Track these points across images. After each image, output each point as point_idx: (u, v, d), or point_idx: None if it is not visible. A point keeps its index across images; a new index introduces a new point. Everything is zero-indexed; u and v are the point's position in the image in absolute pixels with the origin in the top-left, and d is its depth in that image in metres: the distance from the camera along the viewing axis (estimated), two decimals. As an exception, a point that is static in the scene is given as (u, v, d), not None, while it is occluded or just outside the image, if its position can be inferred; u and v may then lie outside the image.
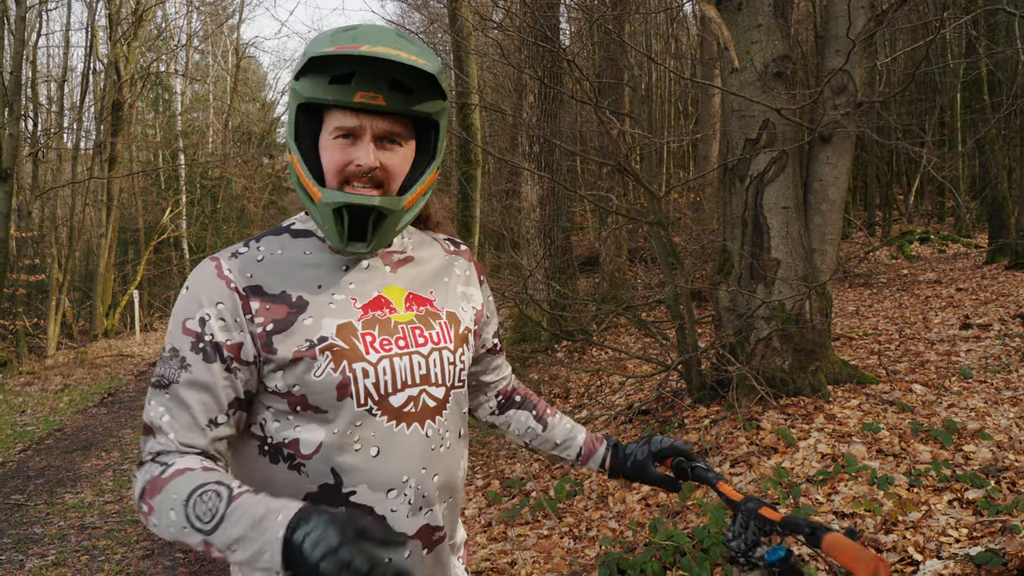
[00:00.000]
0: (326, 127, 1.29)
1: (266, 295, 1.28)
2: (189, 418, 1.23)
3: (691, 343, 5.95)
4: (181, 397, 1.24)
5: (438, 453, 1.35)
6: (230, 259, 1.31)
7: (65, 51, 20.61)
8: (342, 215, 1.27)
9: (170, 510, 1.15)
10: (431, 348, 1.36)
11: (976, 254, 13.79)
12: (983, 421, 4.79)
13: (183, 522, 1.13)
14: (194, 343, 1.25)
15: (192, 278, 1.30)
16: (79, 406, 10.05)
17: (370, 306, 1.34)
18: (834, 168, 5.97)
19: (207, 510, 1.12)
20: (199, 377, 1.24)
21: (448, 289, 1.47)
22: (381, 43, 1.21)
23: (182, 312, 1.28)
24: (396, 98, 1.25)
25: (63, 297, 16.86)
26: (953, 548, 3.39)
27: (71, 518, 5.62)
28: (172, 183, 27.46)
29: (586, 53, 13.69)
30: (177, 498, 1.14)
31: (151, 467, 1.21)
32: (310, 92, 1.25)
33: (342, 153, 1.27)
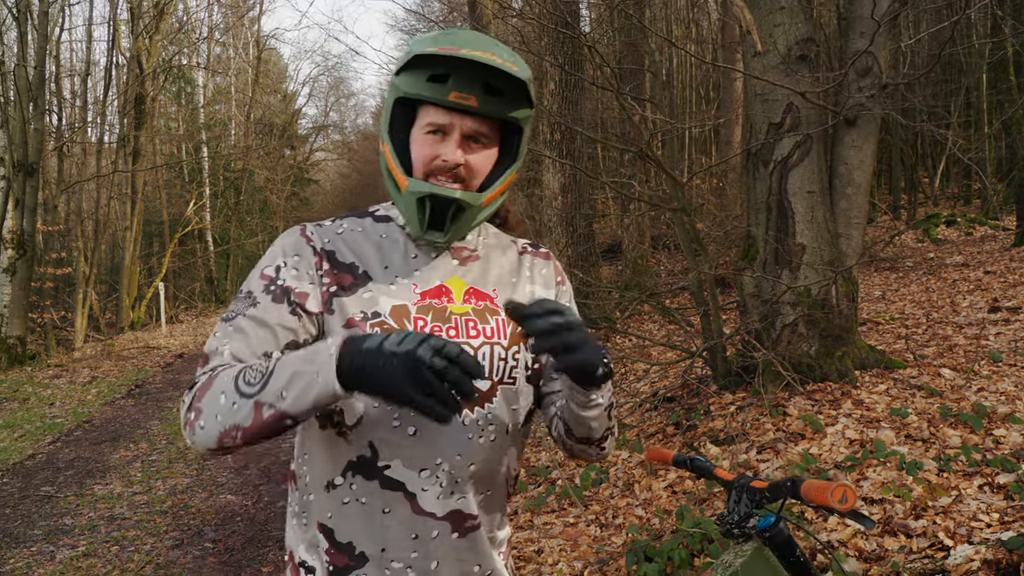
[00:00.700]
0: (419, 121, 1.36)
1: (337, 262, 1.37)
2: (246, 345, 1.29)
3: (716, 329, 5.92)
4: (242, 327, 1.30)
5: (476, 442, 1.36)
6: (314, 226, 1.42)
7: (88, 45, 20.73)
8: (424, 204, 1.34)
9: (220, 394, 1.19)
10: (483, 341, 1.39)
11: (1004, 236, 13.60)
12: (1013, 405, 4.74)
13: (232, 398, 1.17)
14: (266, 286, 1.34)
15: (278, 239, 1.40)
16: (107, 398, 10.17)
17: (429, 293, 1.39)
18: (859, 151, 5.90)
19: (255, 375, 1.18)
20: (263, 312, 1.31)
21: (515, 289, 1.49)
22: (479, 48, 1.27)
23: (262, 263, 1.38)
24: (488, 101, 1.31)
25: (90, 290, 17.04)
26: (984, 533, 3.36)
27: (100, 509, 5.69)
28: (195, 176, 27.65)
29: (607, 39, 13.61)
30: (227, 380, 1.20)
31: (199, 380, 1.25)
32: (408, 87, 1.32)
33: (431, 148, 1.34)
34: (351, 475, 1.33)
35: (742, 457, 4.69)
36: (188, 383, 1.27)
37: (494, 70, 1.28)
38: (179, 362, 13.54)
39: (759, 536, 1.70)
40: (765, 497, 1.69)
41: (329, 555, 1.35)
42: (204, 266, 27.25)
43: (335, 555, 1.35)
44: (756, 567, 1.68)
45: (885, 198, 19.94)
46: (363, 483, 1.33)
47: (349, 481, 1.33)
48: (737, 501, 1.74)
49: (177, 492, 6.03)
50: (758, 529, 1.70)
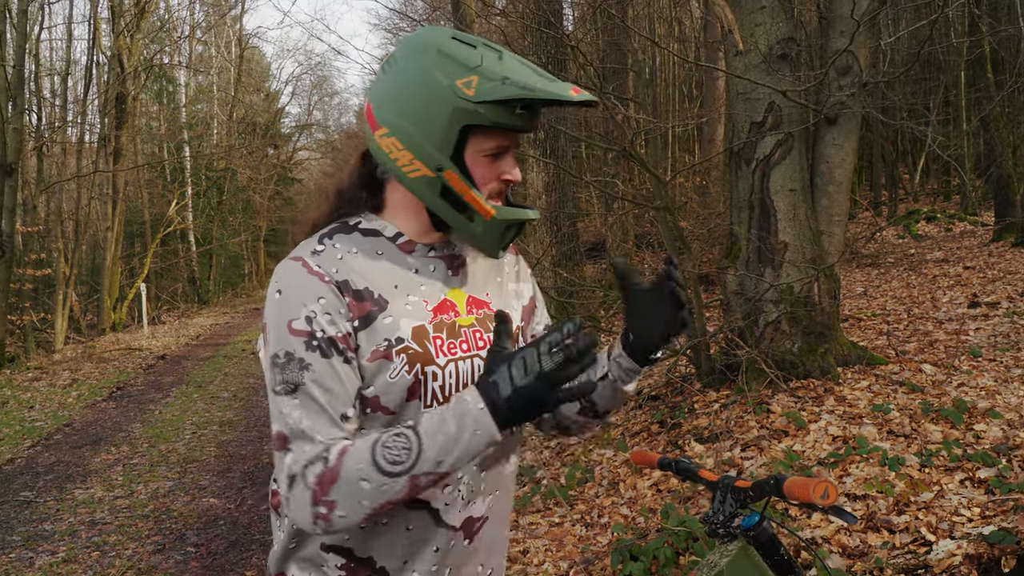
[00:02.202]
0: (476, 145, 1.31)
1: (353, 291, 1.30)
2: (326, 418, 1.24)
3: (700, 327, 5.94)
4: (313, 397, 1.23)
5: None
6: (313, 256, 1.31)
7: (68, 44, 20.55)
8: (507, 231, 1.36)
9: (360, 481, 1.17)
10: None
11: (983, 232, 13.72)
12: (993, 400, 4.78)
13: (379, 481, 1.16)
14: (307, 342, 1.25)
15: (282, 280, 1.30)
16: (88, 401, 10.08)
17: (438, 309, 1.38)
18: (840, 149, 5.94)
19: (398, 452, 1.17)
20: (322, 375, 1.24)
21: (501, 289, 1.52)
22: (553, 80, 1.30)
23: (283, 315, 1.27)
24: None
25: (70, 291, 16.90)
26: (966, 528, 3.38)
27: (81, 514, 5.64)
28: (177, 175, 27.48)
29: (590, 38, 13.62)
30: (362, 467, 1.17)
31: (310, 472, 1.20)
32: (500, 118, 1.27)
33: (491, 169, 1.33)
34: None
35: (726, 455, 4.71)
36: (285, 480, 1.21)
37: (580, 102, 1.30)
38: (161, 364, 13.45)
39: (744, 535, 1.72)
40: (749, 496, 1.71)
41: (346, 570, 1.34)
42: (186, 266, 27.09)
43: (353, 569, 1.34)
44: (741, 566, 1.70)
45: (866, 195, 20.07)
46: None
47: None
48: (722, 501, 1.75)
49: (159, 496, 5.98)
50: (743, 528, 1.72)
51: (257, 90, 36.88)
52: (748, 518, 1.72)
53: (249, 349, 14.57)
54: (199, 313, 23.63)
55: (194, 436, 7.88)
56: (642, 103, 16.80)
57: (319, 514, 1.19)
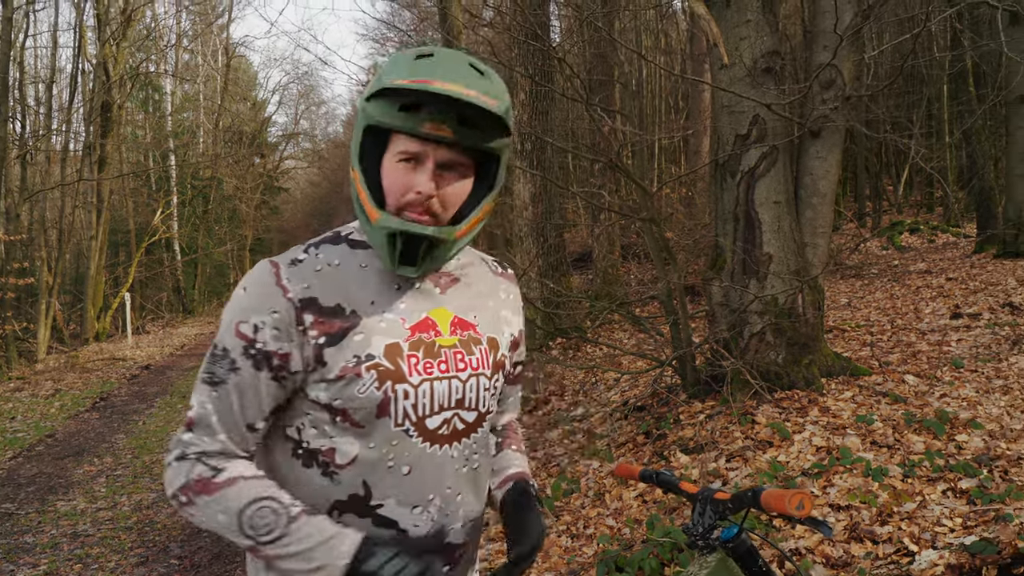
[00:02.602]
0: (391, 149, 1.30)
1: (321, 308, 1.30)
2: (233, 420, 1.29)
3: (685, 338, 5.96)
4: (229, 399, 1.29)
5: (461, 473, 1.39)
6: (289, 267, 1.32)
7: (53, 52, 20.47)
8: (395, 240, 1.30)
9: (219, 513, 1.25)
10: (470, 373, 1.39)
11: (965, 244, 13.84)
12: (975, 410, 4.82)
13: (233, 526, 1.24)
14: (246, 348, 1.29)
15: (250, 280, 1.32)
16: (71, 411, 10.00)
17: (418, 327, 1.36)
18: (824, 162, 5.99)
19: (264, 524, 1.23)
20: (247, 382, 1.29)
21: (491, 313, 1.49)
22: (454, 79, 1.22)
23: (236, 313, 1.31)
24: (463, 132, 1.26)
25: (53, 300, 16.78)
26: (948, 538, 3.41)
27: (63, 526, 5.59)
28: (163, 184, 27.37)
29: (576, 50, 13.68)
30: (232, 506, 1.24)
31: (197, 466, 1.28)
32: (379, 116, 1.26)
33: (403, 178, 1.29)
34: (338, 515, 1.33)
35: (711, 466, 4.72)
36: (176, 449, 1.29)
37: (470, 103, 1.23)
38: (145, 374, 13.36)
39: (723, 547, 1.74)
40: (728, 508, 1.73)
41: None
42: (171, 276, 26.95)
43: None
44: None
45: (850, 206, 20.21)
46: (354, 520, 1.33)
47: (337, 520, 1.32)
48: (701, 513, 1.77)
49: (143, 508, 5.94)
50: (721, 540, 1.73)
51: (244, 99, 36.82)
52: (727, 530, 1.74)
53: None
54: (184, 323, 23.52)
55: (178, 447, 7.83)
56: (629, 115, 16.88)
57: (178, 498, 1.28)
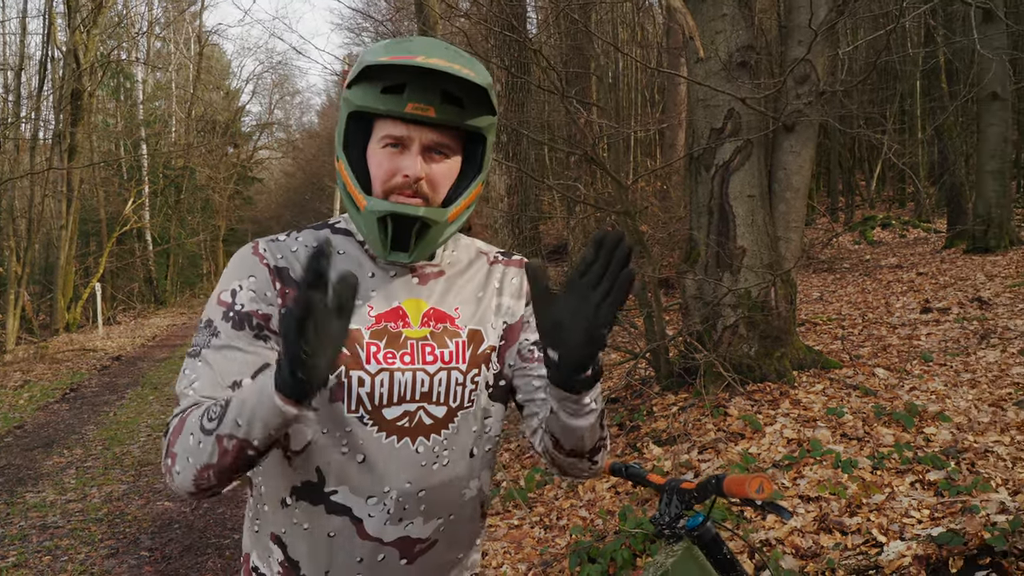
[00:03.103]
0: (375, 135, 1.30)
1: (289, 279, 1.31)
2: (213, 377, 1.25)
3: (659, 331, 5.99)
4: (208, 360, 1.26)
5: (429, 469, 1.34)
6: (268, 242, 1.36)
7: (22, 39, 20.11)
8: (386, 224, 1.28)
9: (189, 436, 1.16)
10: (439, 367, 1.34)
11: (935, 239, 14.03)
12: (943, 403, 4.89)
13: (199, 436, 1.14)
14: (225, 312, 1.29)
15: (232, 259, 1.35)
16: (40, 402, 9.87)
17: (384, 316, 1.33)
18: (798, 156, 6.03)
19: (216, 409, 1.14)
20: (227, 342, 1.27)
21: (479, 304, 1.43)
22: (435, 56, 1.22)
23: (219, 287, 1.32)
24: (447, 110, 1.25)
25: (22, 291, 16.54)
26: (915, 529, 3.45)
27: (32, 518, 5.52)
28: (134, 173, 27.05)
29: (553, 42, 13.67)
30: (194, 421, 1.17)
31: (173, 421, 1.22)
32: (361, 101, 1.26)
33: (389, 162, 1.28)
34: (295, 499, 1.32)
35: (684, 457, 4.76)
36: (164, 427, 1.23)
37: (452, 78, 1.22)
38: (116, 365, 13.23)
39: (688, 535, 1.76)
40: (694, 497, 1.75)
41: (283, 568, 1.35)
42: (143, 266, 26.66)
43: (287, 569, 1.35)
44: (686, 566, 1.73)
45: (823, 200, 20.40)
46: (308, 508, 1.31)
47: (294, 505, 1.32)
48: (668, 503, 1.79)
49: (113, 499, 5.89)
50: (687, 529, 1.76)
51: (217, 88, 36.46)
52: (692, 519, 1.77)
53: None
54: (156, 313, 23.29)
55: (149, 439, 7.76)
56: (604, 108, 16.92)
57: (166, 467, 1.19)
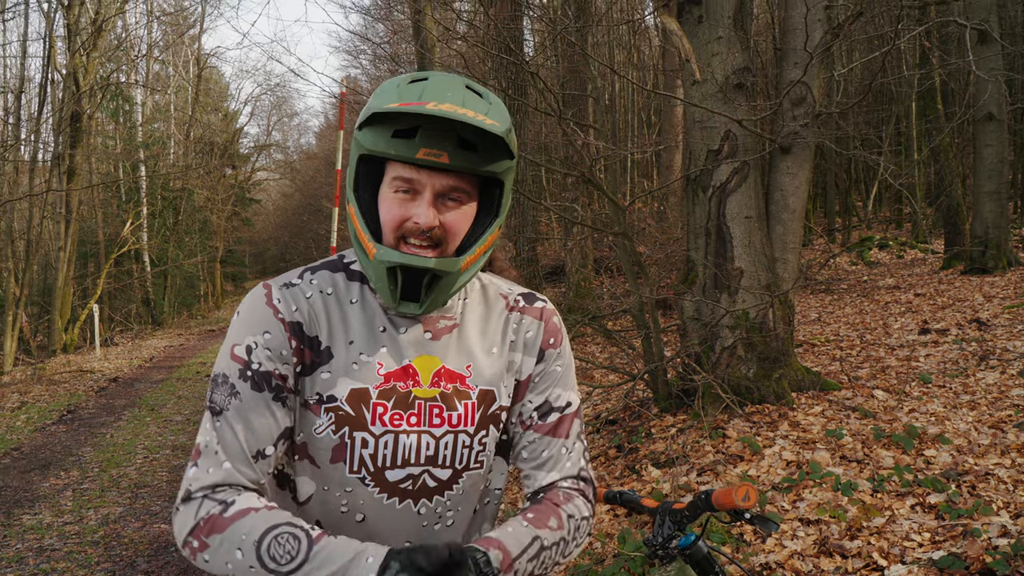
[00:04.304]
0: (387, 177, 1.24)
1: (303, 336, 1.27)
2: (239, 448, 1.21)
3: (657, 352, 5.99)
4: (232, 425, 1.22)
5: (431, 530, 1.34)
6: (281, 289, 1.29)
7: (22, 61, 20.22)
8: (396, 275, 1.23)
9: (236, 550, 1.13)
10: (446, 430, 1.30)
11: (933, 260, 14.05)
12: (943, 425, 4.87)
13: (252, 562, 1.11)
14: (242, 370, 1.24)
15: (244, 304, 1.29)
16: (37, 424, 9.83)
17: (394, 375, 1.29)
18: (794, 178, 6.05)
19: (284, 552, 1.11)
20: (248, 406, 1.23)
21: (492, 361, 1.37)
22: (449, 99, 1.17)
23: (231, 338, 1.27)
24: (461, 156, 1.19)
25: (20, 312, 16.53)
26: (916, 553, 3.44)
27: (29, 540, 5.49)
28: (133, 195, 27.10)
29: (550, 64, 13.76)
30: (247, 538, 1.12)
31: (206, 504, 1.18)
32: (372, 144, 1.20)
33: (401, 208, 1.22)
34: None
35: (682, 479, 4.74)
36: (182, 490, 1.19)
37: (467, 124, 1.16)
38: (113, 386, 13.19)
39: (681, 555, 1.76)
40: (686, 517, 1.76)
41: None
42: (141, 287, 26.65)
43: None
44: None
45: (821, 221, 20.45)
46: None
47: None
48: (661, 524, 1.80)
49: (110, 522, 5.85)
50: (680, 548, 1.75)
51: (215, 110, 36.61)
52: (684, 538, 1.77)
53: (204, 372, 14.33)
54: (153, 335, 23.25)
55: (146, 460, 7.73)
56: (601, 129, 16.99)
57: (190, 544, 1.17)
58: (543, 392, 1.42)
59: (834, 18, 6.10)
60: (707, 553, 1.76)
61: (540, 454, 1.41)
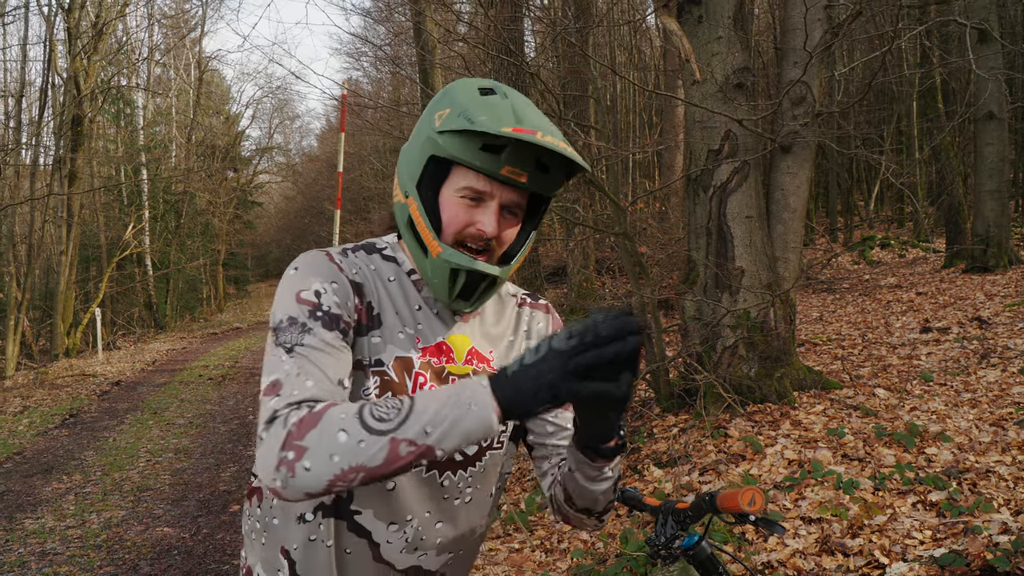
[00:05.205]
0: (453, 182, 1.28)
1: (363, 297, 1.31)
2: (319, 374, 1.19)
3: (658, 352, 5.99)
4: (309, 357, 1.20)
5: (451, 503, 1.38)
6: (339, 254, 1.34)
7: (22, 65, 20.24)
8: (457, 276, 1.29)
9: (339, 431, 1.06)
10: None
11: (934, 258, 14.04)
12: (944, 423, 4.87)
13: (359, 434, 1.05)
14: (311, 311, 1.24)
15: (301, 261, 1.30)
16: (39, 428, 9.84)
17: (429, 350, 1.35)
18: (795, 177, 6.06)
19: (387, 410, 1.07)
20: (323, 340, 1.22)
21: (511, 349, 1.47)
22: (549, 130, 1.22)
23: (293, 286, 1.26)
24: (537, 177, 1.26)
25: (22, 316, 16.55)
26: (918, 550, 3.44)
27: (31, 544, 5.50)
28: (135, 198, 27.11)
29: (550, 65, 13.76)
30: (345, 418, 1.07)
31: (293, 414, 1.11)
32: (457, 151, 1.24)
33: (466, 213, 1.28)
34: (321, 515, 1.33)
35: (684, 479, 4.74)
36: (267, 418, 1.13)
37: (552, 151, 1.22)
38: (116, 390, 13.20)
39: (684, 555, 1.75)
40: (689, 517, 1.75)
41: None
42: (143, 291, 26.65)
43: None
44: None
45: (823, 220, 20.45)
46: (332, 525, 1.32)
47: (318, 521, 1.33)
48: (663, 524, 1.79)
49: (112, 525, 5.86)
50: (683, 548, 1.75)
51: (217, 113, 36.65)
52: (687, 539, 1.76)
53: (207, 375, 14.34)
54: (155, 338, 23.26)
55: (148, 464, 7.73)
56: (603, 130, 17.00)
57: (285, 459, 1.07)
58: None
59: (834, 17, 6.10)
60: (710, 553, 1.76)
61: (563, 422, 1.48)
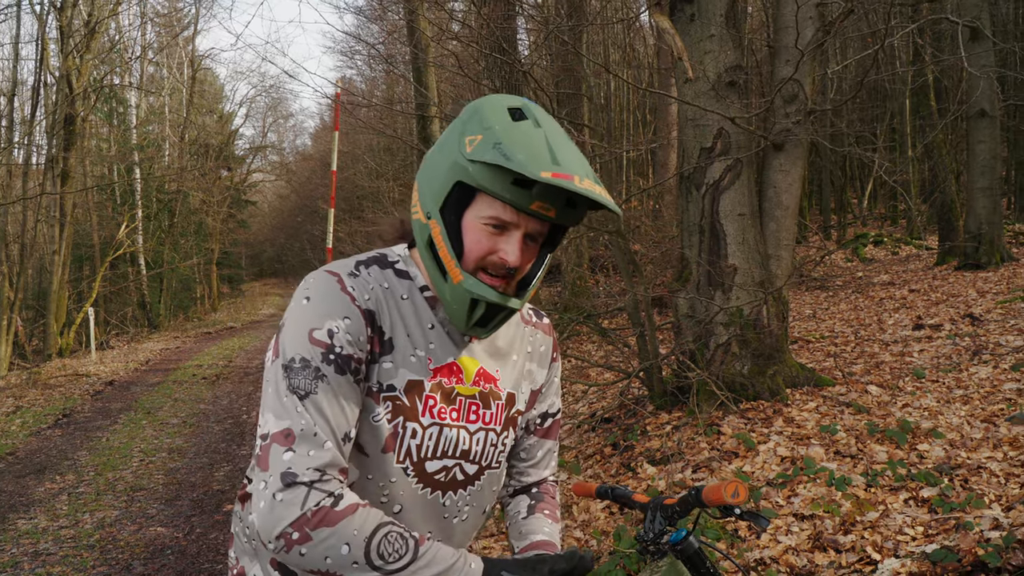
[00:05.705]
0: (478, 208, 1.27)
1: (374, 325, 1.30)
2: (330, 430, 1.21)
3: (652, 350, 6.00)
4: (322, 409, 1.21)
5: (449, 522, 1.41)
6: (350, 277, 1.31)
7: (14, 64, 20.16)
8: (476, 305, 1.30)
9: (344, 544, 1.15)
10: (480, 427, 1.40)
11: (927, 256, 14.09)
12: (936, 420, 4.89)
13: (358, 557, 1.15)
14: (325, 354, 1.23)
15: (313, 289, 1.29)
16: (32, 428, 9.82)
17: (441, 371, 1.35)
18: (787, 175, 6.07)
19: (394, 550, 1.17)
20: (336, 389, 1.23)
21: (514, 368, 1.49)
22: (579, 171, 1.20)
23: (306, 322, 1.26)
24: (566, 212, 1.25)
25: (14, 316, 16.50)
26: (910, 546, 3.45)
27: (24, 545, 5.48)
28: (128, 197, 27.02)
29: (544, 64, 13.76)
30: (358, 534, 1.16)
31: (315, 494, 1.16)
32: (487, 183, 1.21)
33: (489, 241, 1.27)
34: None
35: (678, 476, 4.75)
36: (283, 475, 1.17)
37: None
38: (109, 390, 13.17)
39: (672, 551, 1.76)
40: (677, 512, 1.76)
41: None
42: (136, 290, 26.59)
43: None
44: None
45: (816, 218, 20.49)
46: None
47: None
48: (652, 520, 1.80)
49: (105, 525, 5.85)
50: (670, 544, 1.76)
51: (210, 111, 36.56)
52: (675, 534, 1.77)
53: (200, 374, 14.32)
54: (149, 338, 23.20)
55: (142, 464, 7.72)
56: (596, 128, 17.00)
57: (288, 535, 1.15)
58: (545, 401, 1.61)
59: (826, 15, 6.11)
60: (698, 548, 1.77)
61: (536, 453, 1.63)
